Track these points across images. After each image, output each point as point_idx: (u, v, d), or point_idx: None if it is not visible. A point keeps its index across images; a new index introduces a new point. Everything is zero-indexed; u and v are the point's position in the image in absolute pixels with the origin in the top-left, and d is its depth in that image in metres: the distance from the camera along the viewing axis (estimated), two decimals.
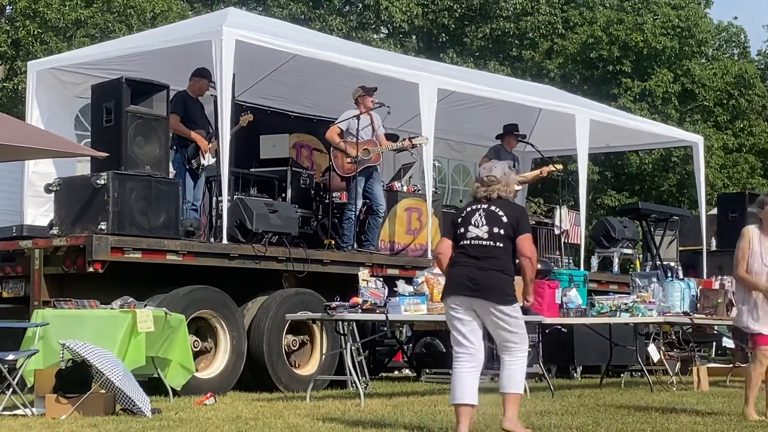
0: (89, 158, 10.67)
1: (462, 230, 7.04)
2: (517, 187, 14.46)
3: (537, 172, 14.92)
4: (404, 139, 12.90)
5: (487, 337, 12.42)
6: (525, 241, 6.97)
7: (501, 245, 6.94)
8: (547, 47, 30.08)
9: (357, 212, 12.37)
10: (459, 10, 30.83)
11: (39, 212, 12.08)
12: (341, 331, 9.88)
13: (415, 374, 14.05)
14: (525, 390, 10.34)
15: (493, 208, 7.02)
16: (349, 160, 12.34)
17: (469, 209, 7.12)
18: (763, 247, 8.31)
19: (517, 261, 7.05)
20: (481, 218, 6.99)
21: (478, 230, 6.96)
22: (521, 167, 14.84)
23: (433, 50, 30.62)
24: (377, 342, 13.83)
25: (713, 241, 17.17)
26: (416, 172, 14.20)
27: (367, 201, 12.54)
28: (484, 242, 6.94)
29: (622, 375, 12.65)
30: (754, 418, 8.09)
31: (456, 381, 7.02)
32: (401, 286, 9.90)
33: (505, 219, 6.96)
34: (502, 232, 6.94)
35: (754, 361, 8.26)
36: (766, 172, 30.69)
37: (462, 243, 7.01)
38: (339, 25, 29.36)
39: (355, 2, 31.34)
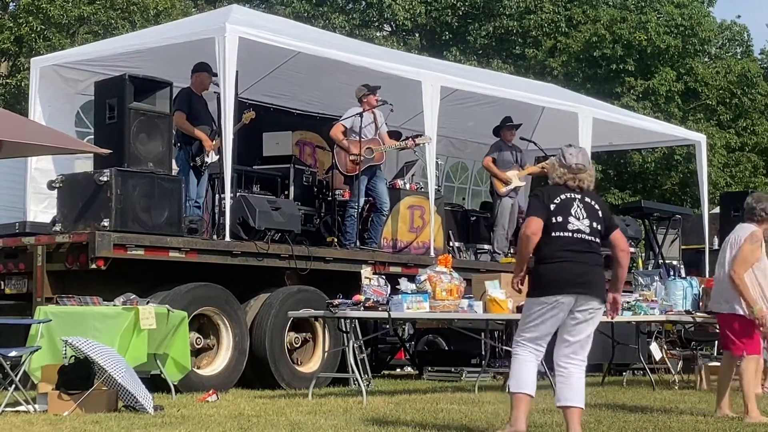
0: (88, 155, 10.67)
1: (560, 219, 6.56)
2: (520, 183, 14.59)
3: (538, 167, 14.90)
4: (407, 138, 12.91)
5: (490, 334, 12.46)
6: (621, 236, 6.69)
7: (598, 241, 6.62)
8: (550, 45, 30.07)
9: (359, 210, 12.38)
10: (462, 8, 30.83)
11: (39, 208, 12.10)
12: (343, 329, 9.89)
13: (417, 372, 14.06)
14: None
15: (588, 200, 6.64)
16: (352, 158, 12.36)
17: (564, 197, 6.63)
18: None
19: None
20: (581, 210, 6.59)
21: (580, 223, 6.56)
22: (525, 162, 14.85)
23: (436, 48, 30.62)
24: (379, 340, 13.85)
25: (716, 240, 17.16)
26: (418, 170, 14.21)
27: (371, 199, 12.56)
28: (586, 236, 6.55)
29: (624, 373, 12.66)
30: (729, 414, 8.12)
31: (521, 368, 6.59)
32: (404, 284, 9.90)
33: (600, 214, 6.64)
34: (599, 227, 6.61)
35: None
36: None
37: (561, 234, 6.55)
38: (342, 23, 29.39)
39: (358, 0, 31.34)
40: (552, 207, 6.57)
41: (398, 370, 15.41)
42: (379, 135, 12.61)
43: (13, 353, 8.36)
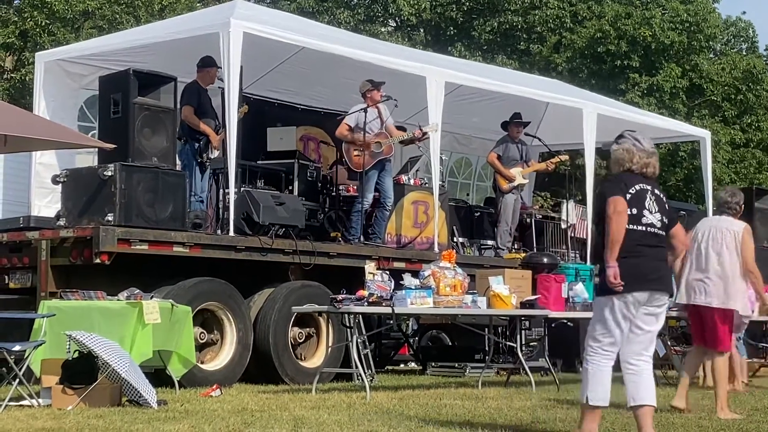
0: (90, 150, 10.66)
1: (635, 211, 6.22)
2: (523, 181, 14.60)
3: (544, 164, 14.92)
4: (414, 131, 12.90)
5: (493, 329, 12.46)
6: (682, 230, 6.43)
7: (664, 235, 6.32)
8: (554, 41, 30.03)
9: (367, 206, 12.37)
10: (467, 4, 30.80)
11: (43, 203, 12.13)
12: (347, 324, 9.89)
13: (420, 367, 14.06)
14: (532, 384, 10.40)
15: (658, 192, 6.34)
16: (356, 153, 12.34)
17: (639, 187, 6.29)
18: None
19: None
20: (653, 203, 6.28)
21: (653, 217, 6.25)
22: (530, 158, 14.87)
23: (440, 44, 30.60)
24: (383, 335, 13.84)
25: None
26: (422, 166, 14.20)
27: (376, 194, 12.55)
28: (657, 231, 6.26)
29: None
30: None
31: (601, 379, 6.19)
32: (407, 279, 9.90)
33: (667, 206, 6.35)
34: (666, 221, 6.32)
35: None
36: None
37: (635, 228, 6.21)
38: (347, 18, 29.37)
39: None
40: (627, 197, 6.22)
41: (402, 365, 15.41)
42: (386, 128, 12.60)
43: (17, 347, 8.37)
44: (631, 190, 6.24)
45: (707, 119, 28.73)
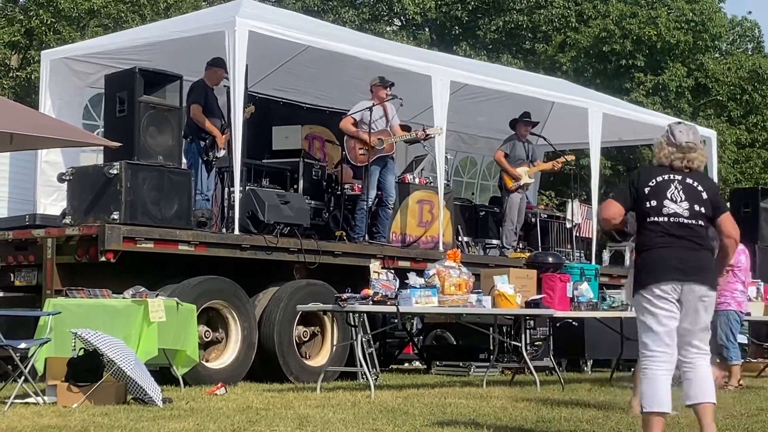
0: (95, 148, 10.67)
1: (654, 203, 6.00)
2: (529, 180, 14.60)
3: (550, 164, 14.93)
4: (417, 132, 12.90)
5: (498, 329, 12.47)
6: (729, 220, 6.11)
7: (702, 224, 6.01)
8: (560, 40, 30.01)
9: (371, 203, 12.37)
10: (472, 3, 30.80)
11: (49, 201, 12.15)
12: (352, 323, 9.89)
13: (425, 366, 14.07)
14: (537, 383, 10.41)
15: (690, 180, 6.04)
16: (361, 151, 12.34)
17: (660, 179, 6.05)
18: None
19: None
20: (678, 192, 6.00)
21: (677, 206, 5.98)
22: (536, 158, 14.86)
23: (446, 43, 30.60)
24: (388, 334, 13.85)
25: None
26: (428, 165, 14.20)
27: (379, 192, 12.55)
28: (685, 220, 5.97)
29: (632, 369, 12.60)
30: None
31: (653, 385, 5.94)
32: (412, 279, 9.90)
33: (705, 195, 6.03)
34: (702, 210, 6.00)
35: None
36: None
37: (655, 219, 6.00)
38: (352, 17, 29.38)
39: None
40: (646, 190, 6.03)
41: (406, 364, 15.42)
42: (390, 126, 12.61)
43: (22, 345, 8.37)
44: (650, 183, 6.06)
45: (713, 119, 28.70)
